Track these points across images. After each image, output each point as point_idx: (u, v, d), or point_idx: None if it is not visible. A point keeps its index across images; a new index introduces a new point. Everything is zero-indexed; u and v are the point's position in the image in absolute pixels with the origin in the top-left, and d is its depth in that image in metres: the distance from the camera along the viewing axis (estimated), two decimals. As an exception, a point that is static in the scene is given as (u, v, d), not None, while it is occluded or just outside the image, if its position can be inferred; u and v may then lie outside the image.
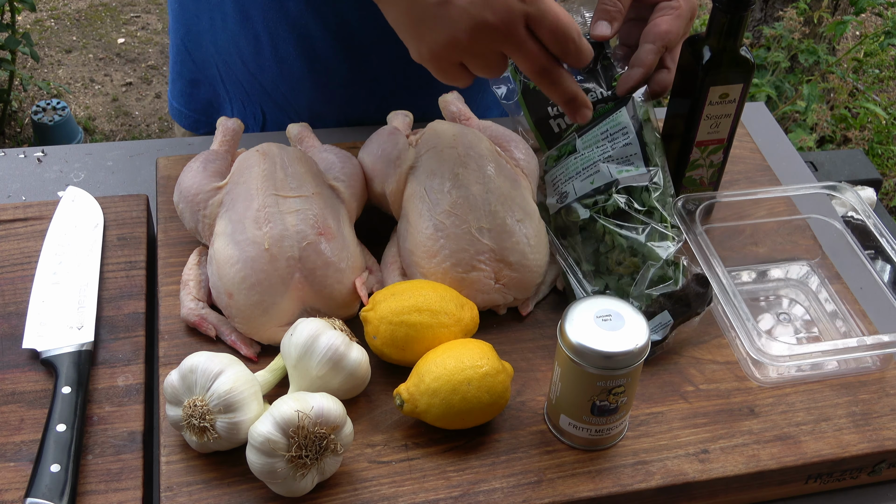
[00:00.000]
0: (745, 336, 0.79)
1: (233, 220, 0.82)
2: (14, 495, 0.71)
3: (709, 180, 0.96)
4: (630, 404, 0.74)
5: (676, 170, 0.94)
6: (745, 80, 0.88)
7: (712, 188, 0.96)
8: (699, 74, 0.87)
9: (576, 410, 0.73)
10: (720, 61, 0.86)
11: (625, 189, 0.87)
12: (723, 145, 0.93)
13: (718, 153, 0.93)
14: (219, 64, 1.11)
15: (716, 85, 0.87)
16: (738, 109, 0.90)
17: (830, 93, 2.66)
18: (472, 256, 0.82)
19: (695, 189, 0.96)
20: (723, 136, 0.92)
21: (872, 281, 0.88)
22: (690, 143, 0.92)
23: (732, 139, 0.93)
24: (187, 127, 1.19)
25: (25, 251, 0.89)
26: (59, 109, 2.71)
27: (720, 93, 0.88)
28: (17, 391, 0.78)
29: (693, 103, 0.89)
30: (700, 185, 0.96)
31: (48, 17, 3.41)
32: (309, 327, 0.75)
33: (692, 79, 0.88)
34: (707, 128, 0.91)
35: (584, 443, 0.75)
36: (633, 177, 0.87)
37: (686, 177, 0.94)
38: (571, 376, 0.71)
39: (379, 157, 0.89)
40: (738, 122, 0.92)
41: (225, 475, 0.72)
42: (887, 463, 0.79)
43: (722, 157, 0.94)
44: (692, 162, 0.93)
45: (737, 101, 0.89)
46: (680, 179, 0.94)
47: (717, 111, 0.90)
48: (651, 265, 0.84)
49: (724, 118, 0.90)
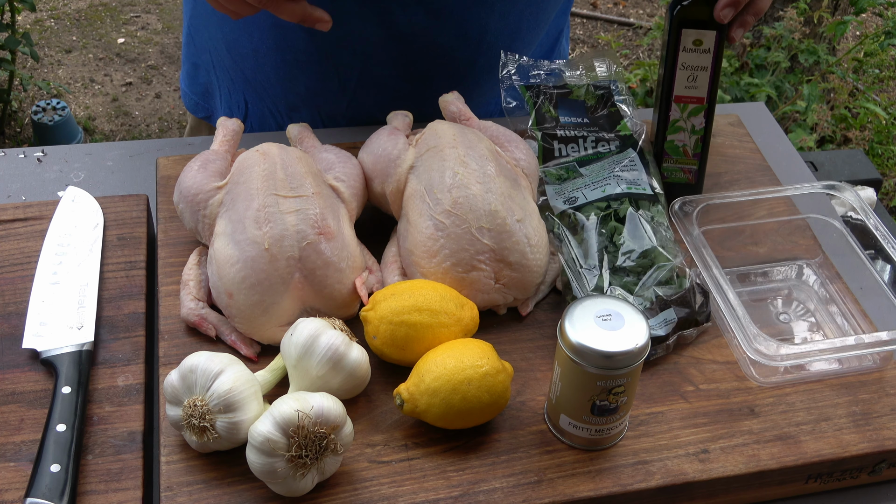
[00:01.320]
0: (743, 337, 0.79)
1: (233, 219, 0.82)
2: (14, 495, 0.71)
3: (693, 150, 0.96)
4: (630, 404, 0.74)
5: (658, 134, 0.96)
6: (719, 27, 0.89)
7: (697, 161, 0.96)
8: (673, 18, 0.89)
9: (576, 410, 0.73)
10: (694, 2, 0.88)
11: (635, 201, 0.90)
12: (703, 106, 0.93)
13: (699, 116, 0.94)
14: (210, 50, 1.13)
15: (688, 28, 0.89)
16: (715, 63, 0.91)
17: (830, 93, 2.66)
18: (472, 256, 0.82)
19: (679, 159, 0.96)
20: (702, 95, 0.93)
21: (872, 281, 0.88)
22: (669, 98, 0.93)
23: (714, 102, 0.94)
24: (189, 108, 1.22)
25: (25, 251, 0.89)
26: (59, 109, 2.71)
27: (693, 38, 0.89)
28: (17, 391, 0.78)
29: (668, 53, 0.91)
30: (684, 156, 0.96)
31: (48, 17, 3.41)
32: (309, 327, 0.75)
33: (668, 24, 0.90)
34: (684, 80, 0.92)
35: (584, 443, 0.75)
36: (641, 194, 0.91)
37: (669, 141, 0.95)
38: (571, 376, 0.71)
39: (379, 157, 0.89)
40: (718, 83, 0.93)
41: (225, 475, 0.72)
42: (887, 463, 0.79)
43: (704, 123, 0.95)
44: (672, 123, 0.94)
45: (712, 53, 0.91)
46: (662, 145, 0.96)
47: (692, 60, 0.91)
48: (661, 266, 0.84)
49: (700, 71, 0.91)
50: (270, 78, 1.10)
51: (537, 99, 0.99)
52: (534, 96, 0.99)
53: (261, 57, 1.08)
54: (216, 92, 1.17)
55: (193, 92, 1.20)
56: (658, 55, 3.24)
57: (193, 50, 1.17)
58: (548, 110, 0.99)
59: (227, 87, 1.15)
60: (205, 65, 1.16)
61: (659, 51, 3.47)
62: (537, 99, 0.99)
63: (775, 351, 0.77)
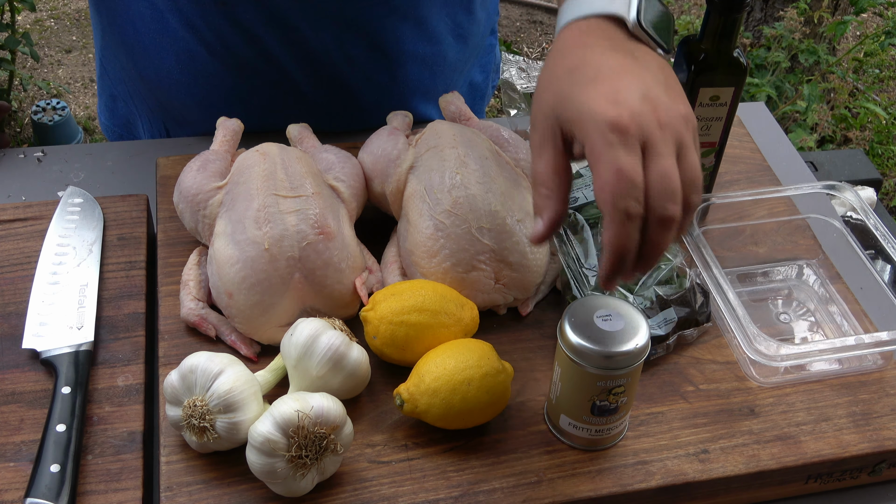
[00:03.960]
0: (743, 337, 0.79)
1: (233, 220, 0.82)
2: (14, 495, 0.71)
3: None
4: (630, 404, 0.74)
5: None
6: (737, 83, 0.88)
7: (704, 192, 0.96)
8: (690, 75, 0.87)
9: (576, 410, 0.73)
10: (712, 63, 0.86)
11: None
12: (714, 149, 0.93)
13: (710, 157, 0.94)
14: (125, 80, 1.11)
15: (705, 87, 0.87)
16: (731, 112, 0.90)
17: (830, 93, 2.66)
18: (472, 256, 0.82)
19: None
20: (714, 140, 0.92)
21: (872, 281, 0.88)
22: None
23: (725, 143, 0.93)
24: (112, 140, 1.19)
25: (25, 251, 0.89)
26: (58, 109, 2.71)
27: (710, 94, 0.88)
28: (17, 391, 0.78)
29: None
30: None
31: (48, 17, 3.41)
32: (309, 327, 0.75)
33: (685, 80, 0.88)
34: (698, 130, 0.91)
35: (584, 443, 0.75)
36: None
37: None
38: (571, 376, 0.71)
39: (379, 157, 0.89)
40: (731, 126, 0.92)
41: (225, 475, 0.72)
42: (887, 463, 0.79)
43: (714, 161, 0.94)
44: None
45: (728, 105, 0.89)
46: None
47: (708, 113, 0.90)
48: (661, 266, 0.84)
49: (715, 121, 0.90)
50: (187, 104, 1.07)
51: None
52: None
53: (174, 84, 1.05)
54: (137, 121, 1.15)
55: (115, 124, 1.18)
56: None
57: (108, 81, 1.14)
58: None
59: (147, 115, 1.13)
60: (122, 95, 1.14)
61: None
62: None
63: (775, 351, 0.77)
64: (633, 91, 0.63)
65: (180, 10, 0.97)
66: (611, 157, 0.60)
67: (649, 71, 0.65)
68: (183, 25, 0.99)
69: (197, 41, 1.00)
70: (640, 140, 0.61)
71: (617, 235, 0.61)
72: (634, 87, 0.63)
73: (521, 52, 3.27)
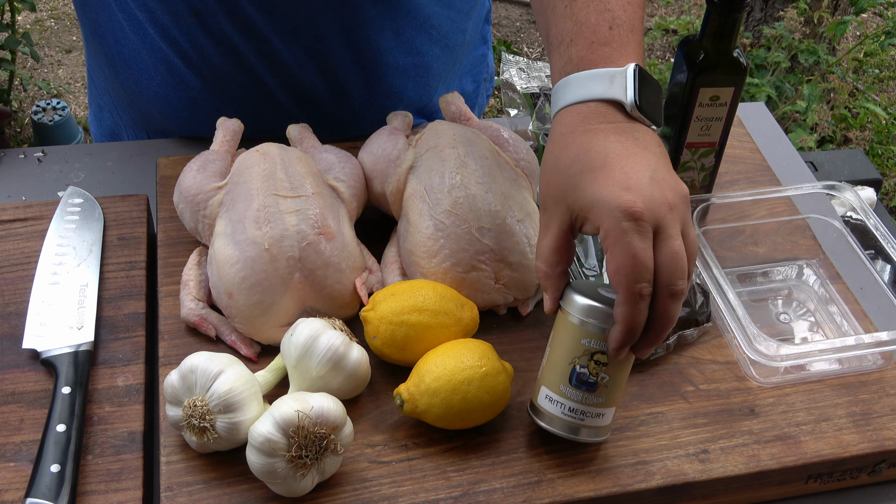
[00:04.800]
0: (743, 337, 0.79)
1: (233, 220, 0.82)
2: (14, 495, 0.71)
3: (700, 184, 0.96)
4: (613, 396, 0.72)
5: None
6: (737, 83, 0.88)
7: (704, 192, 0.96)
8: (690, 75, 0.87)
9: (555, 377, 0.72)
10: (712, 63, 0.86)
11: None
12: (714, 149, 0.93)
13: (710, 157, 0.94)
14: (110, 91, 1.12)
15: (706, 87, 0.87)
16: (730, 112, 0.90)
17: (830, 93, 2.66)
18: (472, 256, 0.82)
19: None
20: (714, 140, 0.92)
21: (872, 281, 0.88)
22: (681, 145, 0.92)
23: (725, 143, 0.93)
24: None
25: (25, 251, 0.89)
26: (59, 109, 2.71)
27: (710, 95, 0.88)
28: (17, 391, 0.78)
29: (684, 104, 0.89)
30: (692, 189, 0.96)
31: (48, 17, 3.41)
32: (309, 327, 0.75)
33: (685, 79, 0.88)
34: (697, 129, 0.91)
35: (561, 425, 0.73)
36: None
37: None
38: (557, 332, 0.72)
39: (379, 157, 0.89)
40: (731, 126, 0.92)
41: (225, 475, 0.72)
42: (887, 463, 0.79)
43: (714, 161, 0.94)
44: (682, 164, 0.93)
45: (728, 104, 0.89)
46: None
47: (708, 113, 0.89)
48: None
49: (715, 121, 0.90)
50: (168, 115, 1.07)
51: (537, 100, 0.99)
52: (534, 97, 0.99)
53: (154, 95, 1.05)
54: (122, 131, 1.15)
55: (102, 133, 1.18)
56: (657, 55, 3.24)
57: (95, 92, 1.15)
58: (548, 111, 0.99)
59: (131, 126, 1.13)
60: (107, 105, 1.14)
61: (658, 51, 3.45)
62: (537, 100, 0.99)
63: (775, 351, 0.77)
64: (642, 175, 0.66)
65: (157, 22, 0.98)
66: (626, 243, 0.64)
67: (651, 152, 0.68)
68: (161, 37, 0.99)
69: (174, 52, 1.00)
70: (653, 225, 0.65)
71: (630, 313, 0.65)
72: (642, 171, 0.66)
73: (521, 52, 3.27)
